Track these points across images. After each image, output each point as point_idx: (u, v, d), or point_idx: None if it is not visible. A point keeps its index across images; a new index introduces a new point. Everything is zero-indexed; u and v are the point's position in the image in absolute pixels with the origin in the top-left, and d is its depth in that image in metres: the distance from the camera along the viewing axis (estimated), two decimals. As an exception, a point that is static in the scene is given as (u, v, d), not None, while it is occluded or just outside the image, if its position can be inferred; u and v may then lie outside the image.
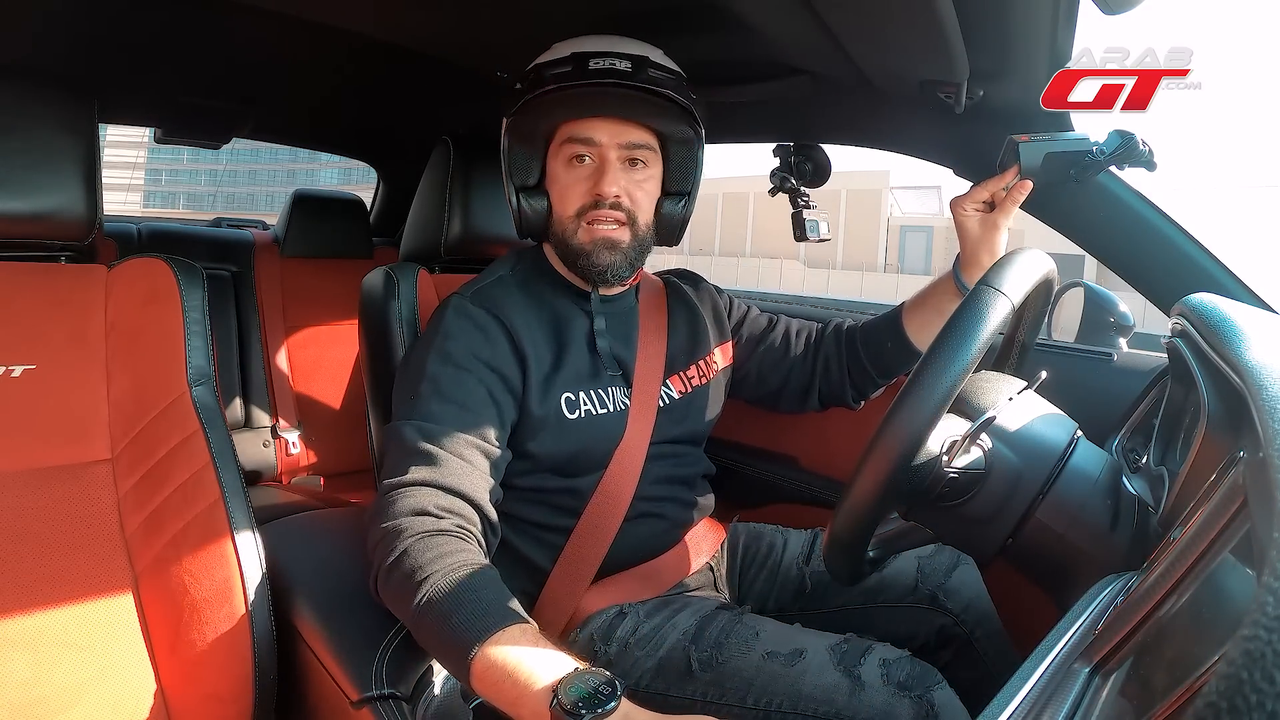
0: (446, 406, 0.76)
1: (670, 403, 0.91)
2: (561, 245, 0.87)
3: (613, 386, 0.87)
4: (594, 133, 0.82)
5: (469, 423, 0.75)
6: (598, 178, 0.83)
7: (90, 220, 0.80)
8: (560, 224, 0.86)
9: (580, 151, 0.83)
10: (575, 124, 0.83)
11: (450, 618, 0.60)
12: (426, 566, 0.63)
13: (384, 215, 2.15)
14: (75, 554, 0.71)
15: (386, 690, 0.61)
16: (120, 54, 1.36)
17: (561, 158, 0.84)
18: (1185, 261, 0.93)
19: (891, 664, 0.71)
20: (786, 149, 1.22)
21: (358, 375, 1.76)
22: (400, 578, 0.64)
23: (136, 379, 0.78)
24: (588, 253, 0.84)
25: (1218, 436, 0.51)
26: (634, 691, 0.77)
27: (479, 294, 0.86)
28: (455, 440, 0.73)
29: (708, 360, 0.97)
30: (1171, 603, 0.37)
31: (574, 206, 0.84)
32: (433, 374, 0.78)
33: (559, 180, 0.85)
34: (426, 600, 0.62)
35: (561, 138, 0.84)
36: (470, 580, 0.63)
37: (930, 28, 0.75)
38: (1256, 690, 0.19)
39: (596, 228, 0.84)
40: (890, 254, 29.77)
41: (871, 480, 0.60)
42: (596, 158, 0.83)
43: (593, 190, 0.83)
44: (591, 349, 0.88)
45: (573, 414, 0.83)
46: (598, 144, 0.83)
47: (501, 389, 0.80)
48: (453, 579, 0.62)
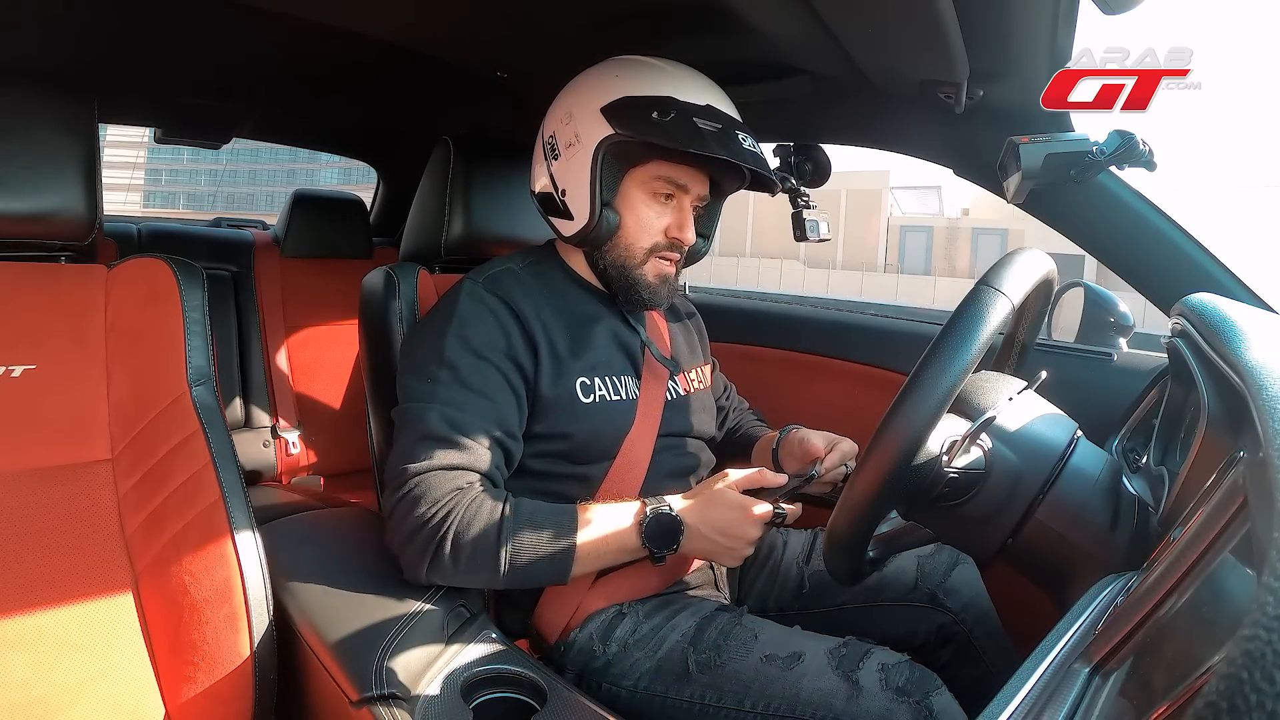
0: (468, 395, 0.78)
1: (676, 397, 0.94)
2: (620, 269, 0.89)
3: (625, 375, 0.89)
4: (689, 181, 0.87)
5: (491, 413, 0.78)
6: (678, 220, 0.88)
7: (90, 220, 0.80)
8: (629, 250, 0.88)
9: (670, 191, 0.87)
10: (680, 169, 0.86)
11: (537, 561, 0.73)
12: (492, 525, 0.72)
13: (384, 215, 2.15)
14: (75, 554, 0.71)
15: (386, 690, 0.61)
16: (120, 54, 1.36)
17: (648, 189, 0.87)
18: (1185, 261, 0.93)
19: (890, 668, 0.71)
20: (786, 149, 1.23)
21: (358, 375, 1.76)
22: (471, 547, 0.72)
23: (136, 379, 0.78)
24: (652, 286, 0.89)
25: (1218, 436, 0.51)
26: (633, 692, 0.77)
27: (490, 280, 0.87)
28: (479, 429, 0.77)
29: (702, 370, 1.03)
30: (1171, 603, 0.37)
31: (651, 240, 0.88)
32: (452, 360, 0.79)
33: (640, 209, 0.87)
34: (512, 552, 0.73)
35: (656, 172, 0.86)
36: (534, 518, 0.75)
37: (930, 28, 0.75)
38: (1257, 690, 0.19)
39: (663, 265, 0.89)
40: (890, 254, 29.78)
41: (871, 480, 0.60)
42: (678, 202, 0.88)
43: (669, 231, 0.88)
44: (605, 340, 0.90)
45: (587, 398, 0.85)
46: (686, 191, 0.88)
47: (517, 377, 0.81)
48: (520, 529, 0.73)
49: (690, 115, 0.81)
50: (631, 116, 0.82)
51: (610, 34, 1.04)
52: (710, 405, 1.03)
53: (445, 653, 0.67)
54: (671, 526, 0.76)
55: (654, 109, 0.81)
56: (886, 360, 1.29)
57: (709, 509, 0.77)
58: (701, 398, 0.99)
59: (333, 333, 1.78)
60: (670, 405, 0.92)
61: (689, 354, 1.02)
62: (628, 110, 0.82)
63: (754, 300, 1.63)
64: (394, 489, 0.75)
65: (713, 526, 0.76)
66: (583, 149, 0.84)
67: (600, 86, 0.85)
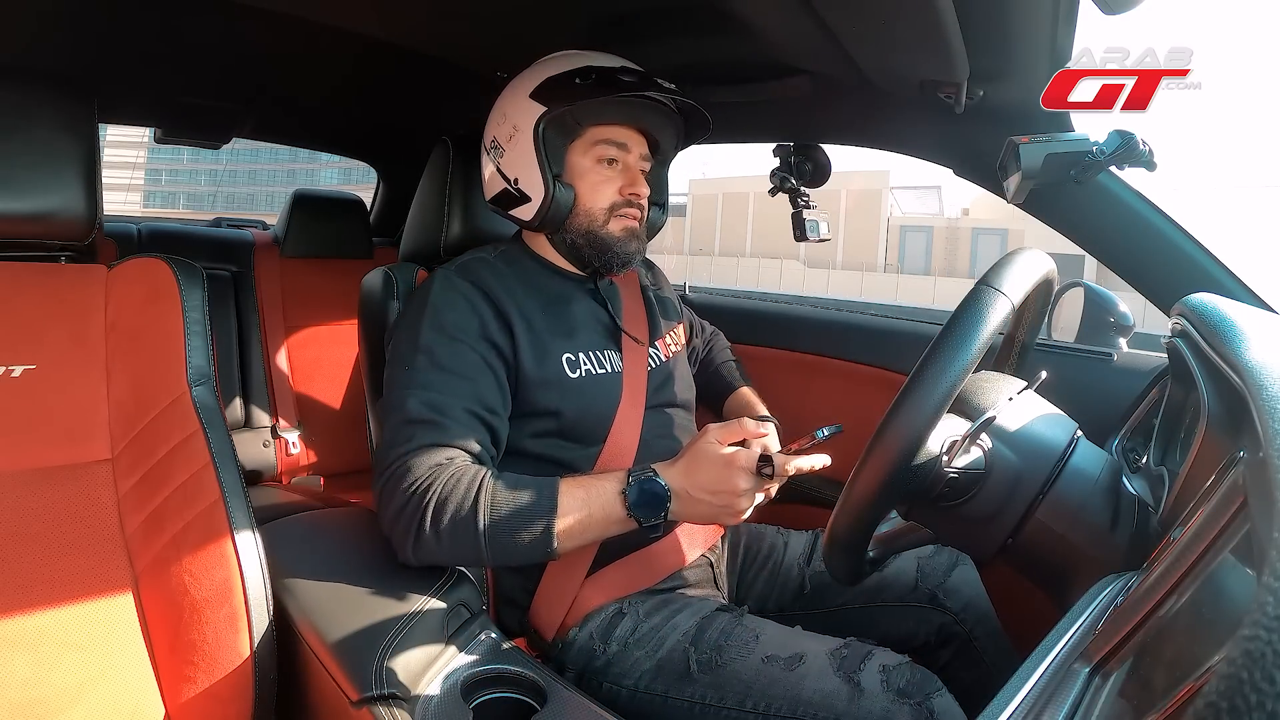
0: (444, 375, 0.79)
1: (658, 364, 0.96)
2: (587, 235, 0.91)
3: (607, 350, 0.91)
4: (628, 140, 0.91)
5: (469, 391, 0.79)
6: (628, 179, 0.92)
7: (90, 220, 0.80)
8: (589, 215, 0.91)
9: (614, 155, 0.91)
10: (616, 129, 0.90)
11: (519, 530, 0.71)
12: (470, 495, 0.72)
13: (384, 215, 2.15)
14: (75, 554, 0.71)
15: (386, 690, 0.61)
16: (120, 54, 1.36)
17: (592, 156, 0.90)
18: (1185, 261, 0.93)
19: (891, 670, 0.71)
20: (786, 149, 1.23)
21: (358, 375, 1.76)
22: (451, 518, 0.71)
23: (136, 379, 0.78)
24: (621, 240, 0.92)
25: (1218, 436, 0.51)
26: (633, 691, 0.77)
27: (462, 268, 0.89)
28: (455, 407, 0.77)
29: (678, 330, 1.06)
30: (1171, 603, 0.37)
31: (607, 201, 0.91)
32: (426, 344, 0.80)
33: (589, 176, 0.91)
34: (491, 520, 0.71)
35: (595, 137, 0.90)
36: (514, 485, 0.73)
37: (930, 28, 0.75)
38: (1257, 690, 0.19)
39: (627, 222, 0.92)
40: (890, 254, 29.78)
41: (871, 480, 0.60)
42: (623, 162, 0.92)
43: (623, 190, 0.91)
44: (582, 317, 0.92)
45: (575, 373, 0.87)
46: (628, 150, 0.91)
47: (495, 357, 0.83)
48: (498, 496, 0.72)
49: (609, 73, 0.88)
50: (557, 91, 0.88)
51: (610, 33, 1.04)
52: (688, 369, 1.06)
53: (445, 653, 0.67)
54: (655, 491, 0.73)
55: (575, 77, 0.88)
56: (886, 360, 1.29)
57: (692, 468, 0.73)
58: (681, 362, 1.02)
59: (333, 333, 1.78)
60: (654, 374, 0.94)
61: (663, 315, 1.04)
62: (553, 87, 0.88)
63: (754, 300, 1.63)
64: (379, 474, 0.76)
65: (700, 486, 0.72)
66: (522, 135, 0.89)
67: (525, 79, 0.91)
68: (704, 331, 1.21)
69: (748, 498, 0.72)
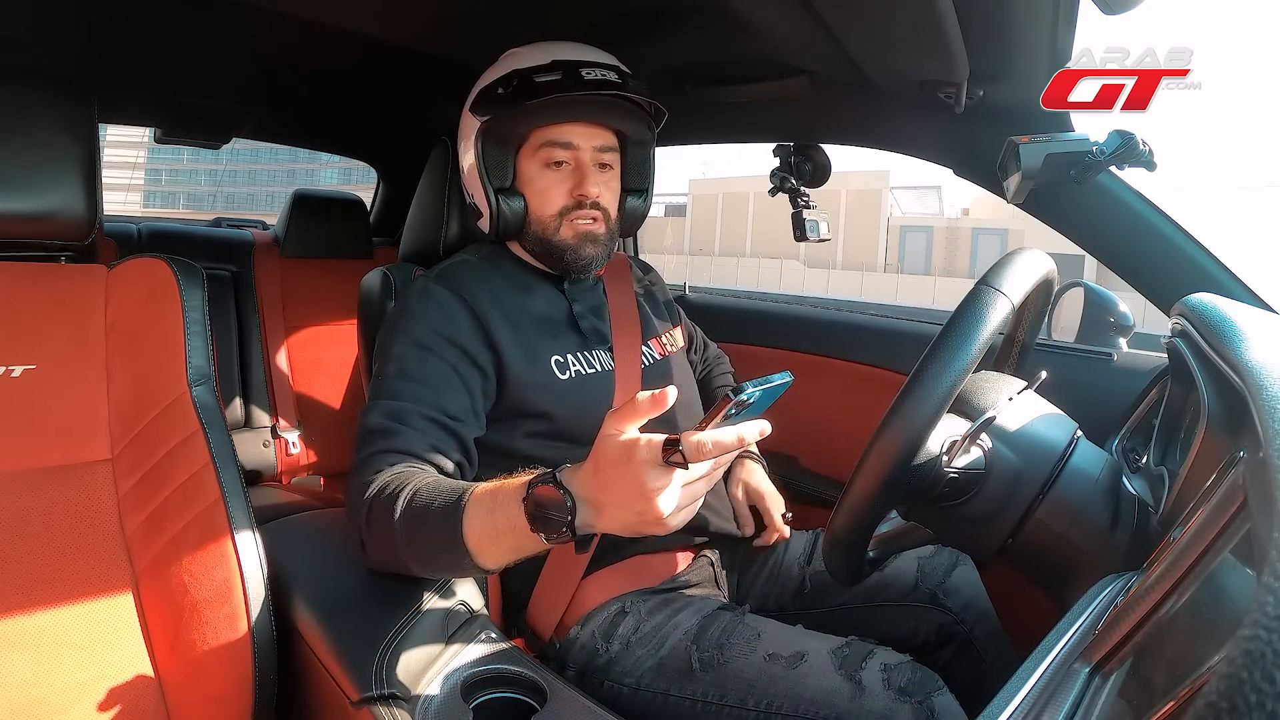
0: (409, 384, 0.79)
1: (653, 363, 0.95)
2: (541, 243, 0.90)
3: (597, 349, 0.90)
4: (574, 137, 0.87)
5: (427, 397, 0.78)
6: (577, 179, 0.88)
7: (90, 220, 0.80)
8: (540, 223, 0.89)
9: (560, 156, 0.87)
10: (556, 128, 0.86)
11: (426, 534, 0.65)
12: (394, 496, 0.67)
13: (384, 215, 2.14)
14: (75, 554, 0.71)
15: (386, 690, 0.61)
16: (120, 54, 1.36)
17: (538, 160, 0.88)
18: (1185, 261, 0.93)
19: (893, 669, 0.71)
20: (786, 149, 1.23)
21: (358, 375, 1.76)
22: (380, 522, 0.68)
23: (136, 379, 0.78)
24: (573, 247, 0.89)
25: (1218, 436, 0.51)
26: (635, 690, 0.77)
27: (441, 274, 0.89)
28: (411, 414, 0.76)
29: (672, 333, 1.03)
30: (1171, 603, 0.37)
31: (556, 206, 0.88)
32: (397, 354, 0.81)
33: (536, 182, 0.88)
34: (404, 524, 0.66)
35: (539, 141, 0.87)
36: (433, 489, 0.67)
37: (930, 28, 0.75)
38: (1257, 690, 0.19)
39: (579, 224, 0.88)
40: (890, 254, 29.79)
41: (871, 480, 0.60)
42: (573, 161, 0.88)
43: (573, 192, 0.88)
44: (568, 323, 0.91)
45: (564, 375, 0.86)
46: (575, 148, 0.87)
47: (466, 363, 0.82)
48: (416, 497, 0.66)
49: (530, 76, 0.85)
50: (488, 102, 0.87)
51: (610, 33, 1.04)
52: (689, 368, 1.04)
53: (445, 652, 0.67)
54: (551, 503, 0.56)
55: (499, 86, 0.86)
56: (886, 360, 1.29)
57: (597, 467, 0.55)
58: (679, 360, 1.01)
59: (333, 333, 1.78)
60: (650, 371, 0.93)
61: (657, 315, 1.02)
62: (484, 99, 0.88)
63: (754, 300, 1.63)
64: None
65: (606, 488, 0.54)
66: (467, 149, 0.90)
67: (472, 95, 0.91)
68: (705, 349, 1.18)
69: (666, 498, 0.52)
